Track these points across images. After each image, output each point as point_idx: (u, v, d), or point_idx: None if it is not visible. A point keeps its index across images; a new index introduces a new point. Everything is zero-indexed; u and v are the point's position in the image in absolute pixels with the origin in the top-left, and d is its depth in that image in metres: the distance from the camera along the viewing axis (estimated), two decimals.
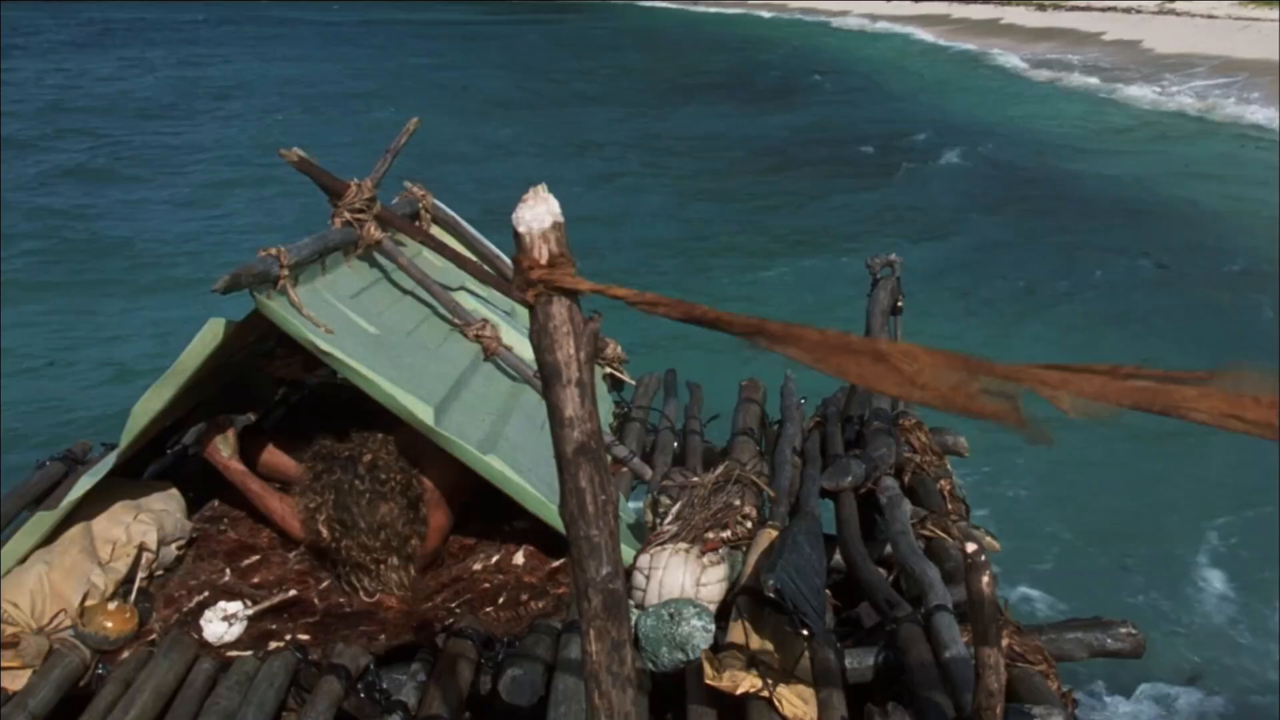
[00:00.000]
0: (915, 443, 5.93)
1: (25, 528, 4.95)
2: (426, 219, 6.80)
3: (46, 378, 14.59)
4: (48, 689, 4.35)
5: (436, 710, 4.09)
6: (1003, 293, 17.46)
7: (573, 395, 2.41)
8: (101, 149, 28.74)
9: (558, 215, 2.37)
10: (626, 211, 22.45)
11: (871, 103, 35.82)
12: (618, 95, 37.82)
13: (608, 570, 2.48)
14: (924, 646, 4.16)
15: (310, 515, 4.99)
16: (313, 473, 5.01)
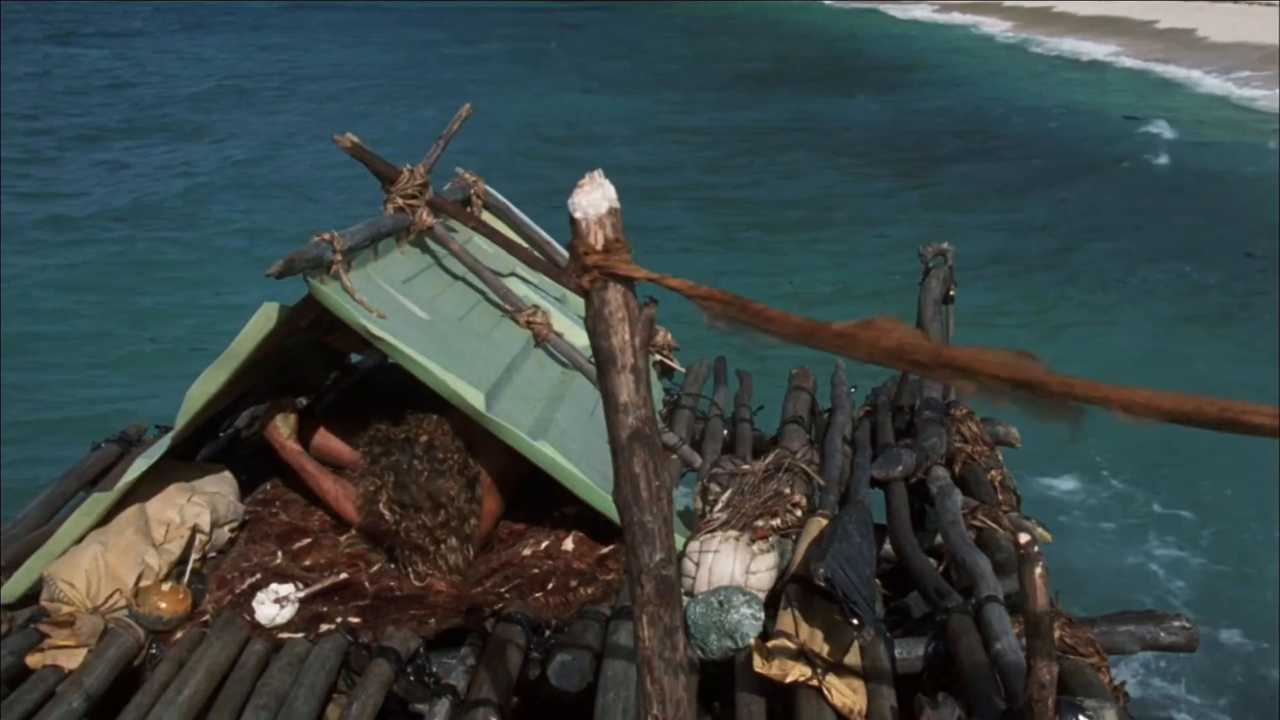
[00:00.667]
0: (966, 433, 5.90)
1: (81, 508, 5.00)
2: (478, 205, 6.82)
3: (116, 360, 14.74)
4: (102, 668, 4.40)
5: (485, 694, 4.11)
6: (1087, 286, 17.21)
7: (628, 381, 2.41)
8: (157, 135, 28.94)
9: (614, 201, 2.37)
10: (678, 196, 22.39)
11: (931, 90, 35.51)
12: (671, 81, 37.69)
13: (661, 556, 2.49)
14: (974, 637, 4.14)
15: (370, 499, 5.01)
16: (370, 456, 5.02)
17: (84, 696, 4.25)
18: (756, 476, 5.19)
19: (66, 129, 29.21)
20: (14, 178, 23.98)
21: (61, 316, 16.30)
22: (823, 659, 4.07)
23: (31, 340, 15.22)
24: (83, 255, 19.11)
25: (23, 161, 25.27)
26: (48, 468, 7.40)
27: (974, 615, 4.25)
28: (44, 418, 12.95)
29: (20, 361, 14.51)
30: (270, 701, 4.21)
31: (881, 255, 18.21)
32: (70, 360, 14.73)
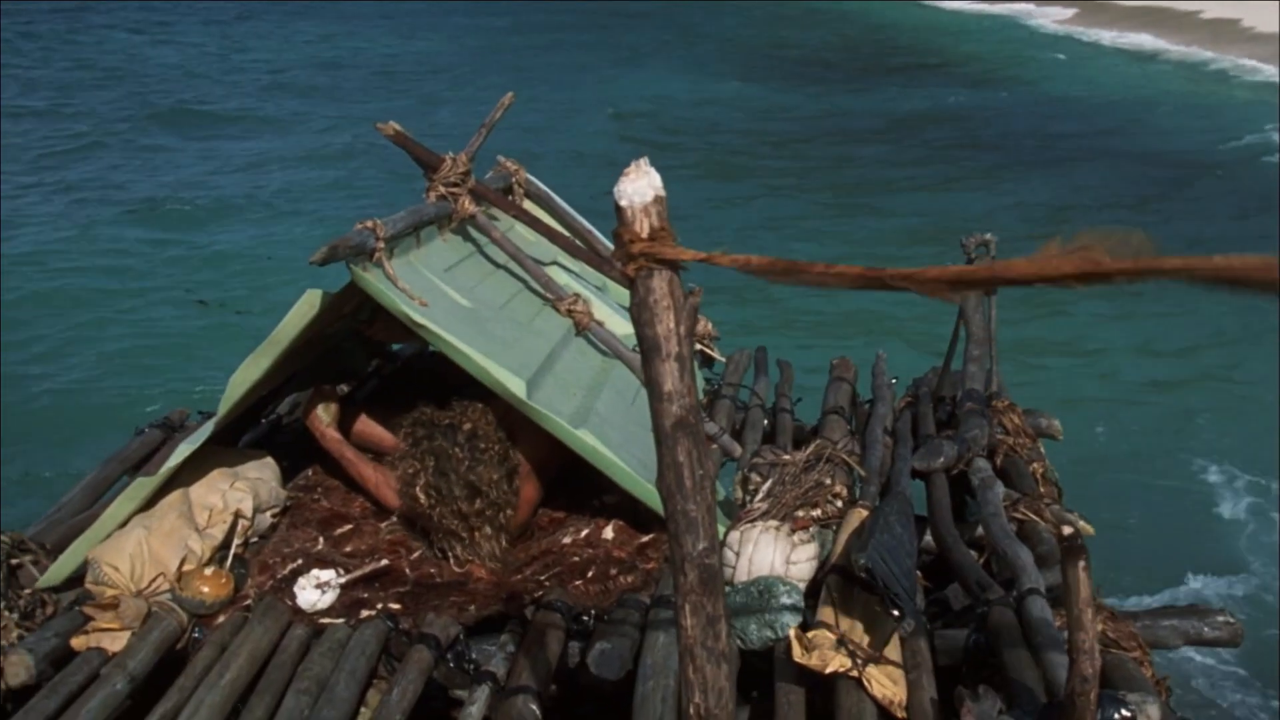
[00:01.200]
0: (1008, 424, 5.87)
1: (125, 493, 5.04)
2: (519, 193, 6.83)
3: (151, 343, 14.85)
4: (146, 650, 4.43)
5: (525, 681, 4.11)
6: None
7: (672, 370, 2.40)
8: (202, 122, 29.10)
9: (659, 189, 2.37)
10: (719, 183, 22.35)
11: (972, 81, 35.26)
12: (712, 69, 37.58)
13: (704, 545, 2.48)
14: (1016, 630, 4.12)
15: (408, 481, 5.03)
16: (412, 438, 5.04)
17: (128, 678, 4.29)
18: (797, 467, 5.19)
19: (116, 115, 29.40)
20: (65, 165, 24.18)
21: (107, 298, 16.45)
22: (863, 650, 4.06)
23: (76, 325, 15.37)
24: (121, 240, 19.25)
25: (62, 152, 25.45)
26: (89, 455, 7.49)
27: (1015, 608, 4.23)
28: (86, 404, 13.08)
29: (61, 347, 14.66)
30: (311, 686, 4.23)
31: (923, 245, 18.13)
32: (114, 346, 14.85)
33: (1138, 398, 13.10)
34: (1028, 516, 5.05)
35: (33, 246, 18.36)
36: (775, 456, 5.37)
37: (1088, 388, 13.09)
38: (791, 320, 14.26)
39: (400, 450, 5.12)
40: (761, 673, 4.29)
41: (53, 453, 11.54)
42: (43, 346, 14.70)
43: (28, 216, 20.16)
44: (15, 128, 26.87)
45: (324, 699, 4.15)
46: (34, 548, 5.02)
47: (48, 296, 16.30)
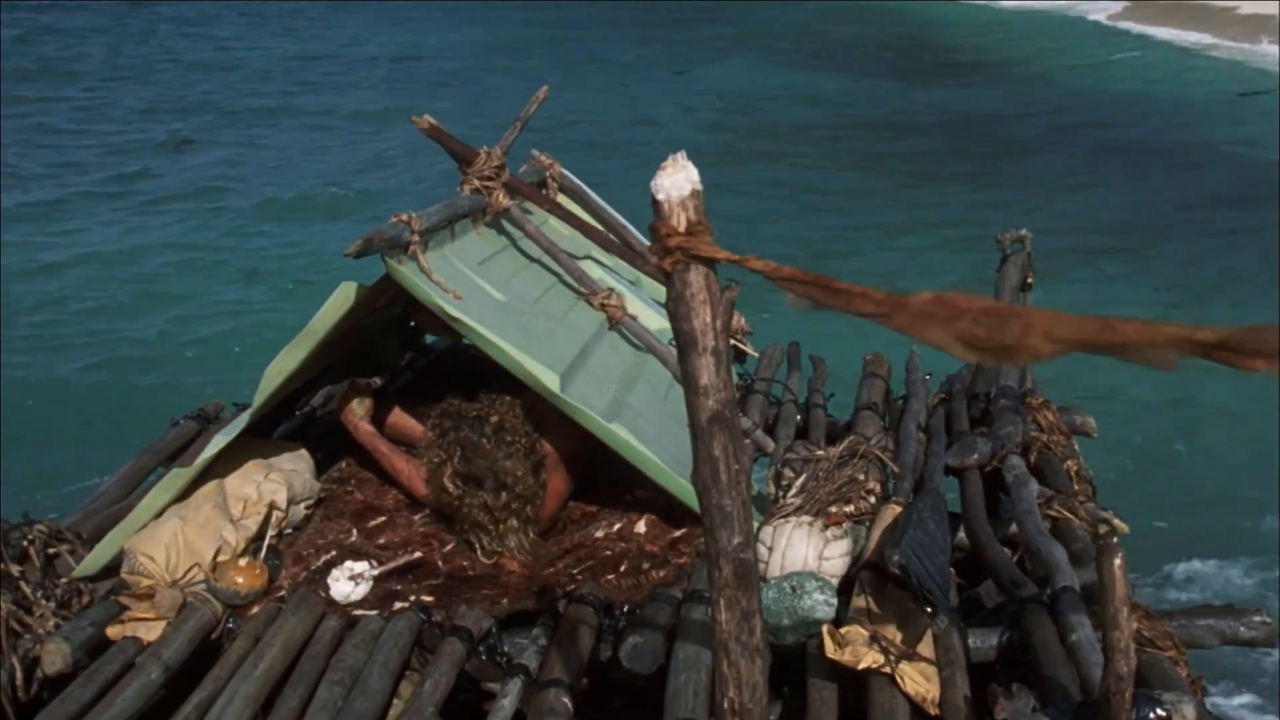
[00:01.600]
0: (1042, 421, 5.84)
1: (161, 483, 5.07)
2: (554, 187, 6.83)
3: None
4: (181, 640, 4.46)
5: (557, 675, 4.12)
6: (1174, 275, 16.93)
7: (708, 364, 2.40)
8: (239, 116, 29.24)
9: (696, 183, 2.36)
10: (754, 180, 22.29)
11: (1018, 76, 34.99)
12: (755, 65, 37.42)
13: (739, 540, 2.48)
14: (1049, 628, 4.11)
15: (434, 471, 5.05)
16: (439, 429, 5.06)
17: (162, 668, 4.31)
18: (830, 462, 5.18)
19: (157, 109, 29.61)
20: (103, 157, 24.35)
21: (137, 286, 16.57)
22: (896, 646, 4.05)
23: (113, 316, 15.49)
24: (158, 232, 19.38)
25: (102, 145, 25.63)
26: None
27: (1049, 606, 4.22)
28: (124, 394, 13.19)
29: (99, 337, 14.79)
30: (344, 677, 4.24)
31: (962, 241, 18.05)
32: (151, 335, 14.96)
33: (1175, 395, 13.01)
34: (1062, 514, 5.03)
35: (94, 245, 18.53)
36: (808, 452, 5.37)
37: (1124, 384, 13.01)
38: (826, 316, 14.21)
39: (427, 440, 5.13)
40: (793, 668, 4.29)
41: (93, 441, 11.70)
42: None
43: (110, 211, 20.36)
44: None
45: (357, 690, 4.17)
46: (70, 537, 5.05)
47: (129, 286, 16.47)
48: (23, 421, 12.53)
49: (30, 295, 16.17)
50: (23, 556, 4.81)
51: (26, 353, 14.43)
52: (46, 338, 14.92)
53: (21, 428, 12.37)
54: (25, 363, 14.12)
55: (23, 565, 4.76)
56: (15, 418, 12.55)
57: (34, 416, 12.72)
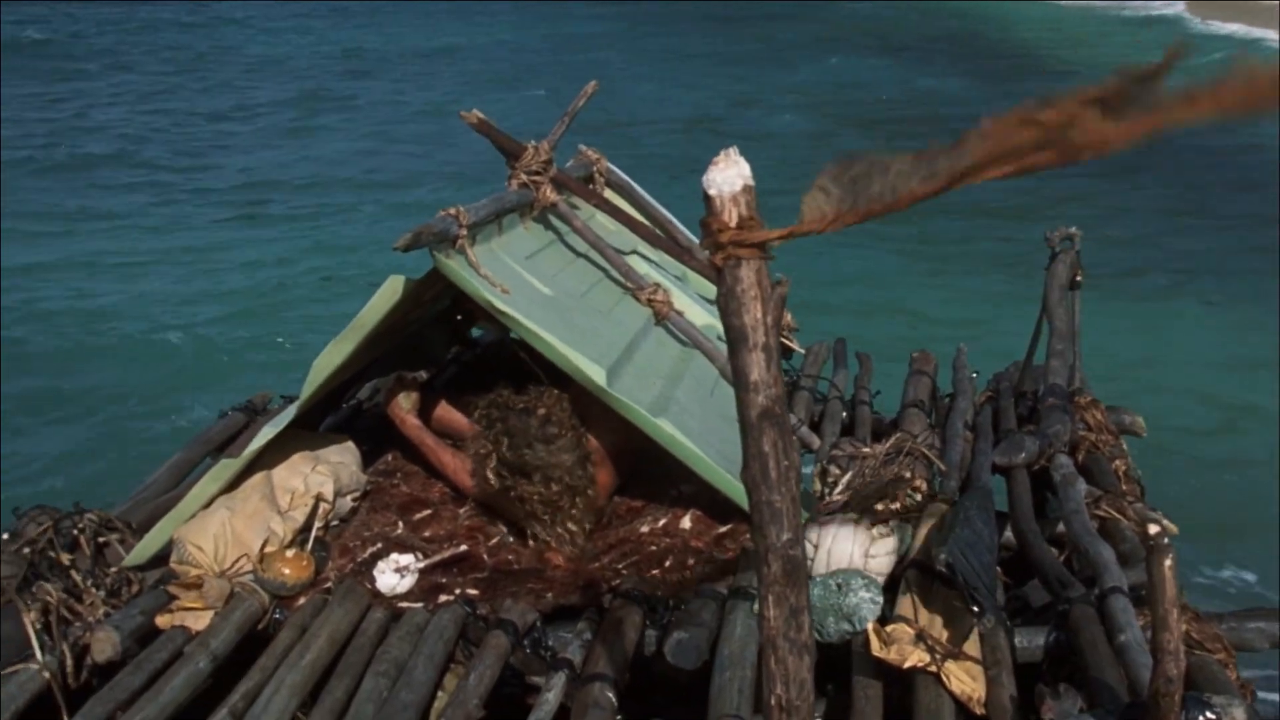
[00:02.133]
0: (1090, 420, 5.81)
1: (210, 474, 5.11)
2: (600, 182, 6.83)
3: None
4: (228, 630, 4.49)
5: (601, 669, 4.12)
6: (1218, 281, 16.71)
7: (759, 360, 2.40)
8: (291, 110, 29.40)
9: (748, 178, 2.36)
10: (796, 171, 22.16)
11: (1068, 72, 34.62)
12: (795, 51, 37.23)
13: (788, 536, 2.48)
14: (1097, 628, 4.09)
15: (480, 461, 5.06)
16: (486, 420, 5.06)
17: (210, 657, 4.35)
18: (876, 460, 5.16)
19: (210, 104, 29.83)
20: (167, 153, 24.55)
21: (183, 282, 16.69)
22: (942, 645, 4.03)
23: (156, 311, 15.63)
24: (208, 226, 19.52)
25: (150, 137, 25.83)
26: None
27: (1097, 606, 4.19)
28: (172, 386, 13.32)
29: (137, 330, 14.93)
30: (390, 669, 4.26)
31: (1008, 239, 17.92)
32: (196, 328, 15.07)
33: (1226, 396, 12.87)
34: (1110, 514, 5.00)
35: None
36: (854, 449, 5.35)
37: (1173, 384, 12.89)
38: (871, 312, 14.18)
39: (474, 431, 5.15)
40: (838, 666, 4.27)
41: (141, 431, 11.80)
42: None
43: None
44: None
45: (402, 682, 4.19)
46: (120, 526, 5.10)
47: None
48: (72, 409, 12.67)
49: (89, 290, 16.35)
50: (73, 545, 4.87)
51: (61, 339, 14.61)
52: (88, 326, 15.06)
53: (71, 415, 12.52)
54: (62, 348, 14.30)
55: (73, 554, 4.81)
56: (64, 405, 12.70)
57: (80, 406, 12.85)
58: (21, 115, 27.29)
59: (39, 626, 4.42)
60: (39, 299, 15.81)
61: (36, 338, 14.59)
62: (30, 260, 17.28)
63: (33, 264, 17.17)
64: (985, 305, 14.69)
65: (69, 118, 27.62)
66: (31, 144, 24.61)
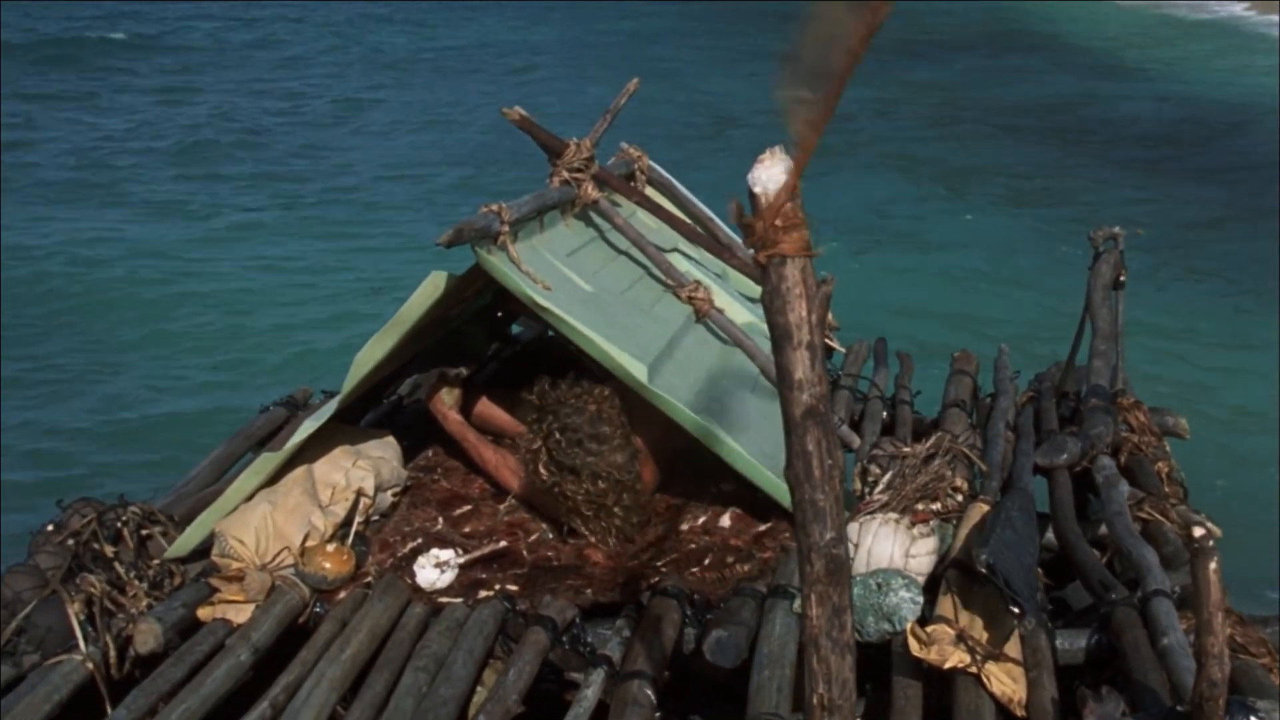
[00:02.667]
0: (1133, 422, 5.77)
1: (251, 467, 5.14)
2: (642, 180, 6.83)
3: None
4: (269, 623, 4.52)
5: (640, 666, 4.12)
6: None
7: (803, 358, 2.39)
8: (332, 106, 29.51)
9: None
10: (842, 162, 22.10)
11: (1122, 71, 34.24)
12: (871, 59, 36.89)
13: (831, 535, 2.47)
14: (1140, 631, 4.06)
15: (530, 458, 5.07)
16: (536, 417, 5.06)
17: (251, 650, 4.37)
18: (917, 459, 5.14)
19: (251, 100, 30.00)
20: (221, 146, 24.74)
21: (224, 279, 16.81)
22: (982, 646, 4.01)
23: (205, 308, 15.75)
24: (255, 220, 19.66)
25: (198, 134, 25.99)
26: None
27: (1140, 609, 4.16)
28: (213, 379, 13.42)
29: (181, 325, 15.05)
30: (429, 664, 4.28)
31: (1051, 238, 17.82)
32: (241, 323, 15.17)
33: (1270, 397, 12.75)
34: (1153, 516, 4.96)
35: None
36: (895, 448, 5.33)
37: (1216, 385, 12.78)
38: (912, 312, 14.13)
39: (523, 428, 5.15)
40: (876, 666, 4.26)
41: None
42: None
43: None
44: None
45: (441, 676, 4.20)
46: (163, 519, 5.14)
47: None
48: (120, 406, 12.81)
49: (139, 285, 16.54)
50: (117, 537, 4.91)
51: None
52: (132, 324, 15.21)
53: (119, 411, 12.65)
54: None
55: (117, 546, 4.86)
56: (113, 405, 12.84)
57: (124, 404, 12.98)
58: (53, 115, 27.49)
59: (83, 617, 4.46)
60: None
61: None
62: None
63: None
64: (1027, 305, 14.61)
65: (146, 115, 27.78)
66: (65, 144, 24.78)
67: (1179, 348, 13.78)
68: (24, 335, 14.41)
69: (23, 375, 13.30)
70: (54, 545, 4.80)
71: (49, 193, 20.80)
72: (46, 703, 4.10)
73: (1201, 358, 13.72)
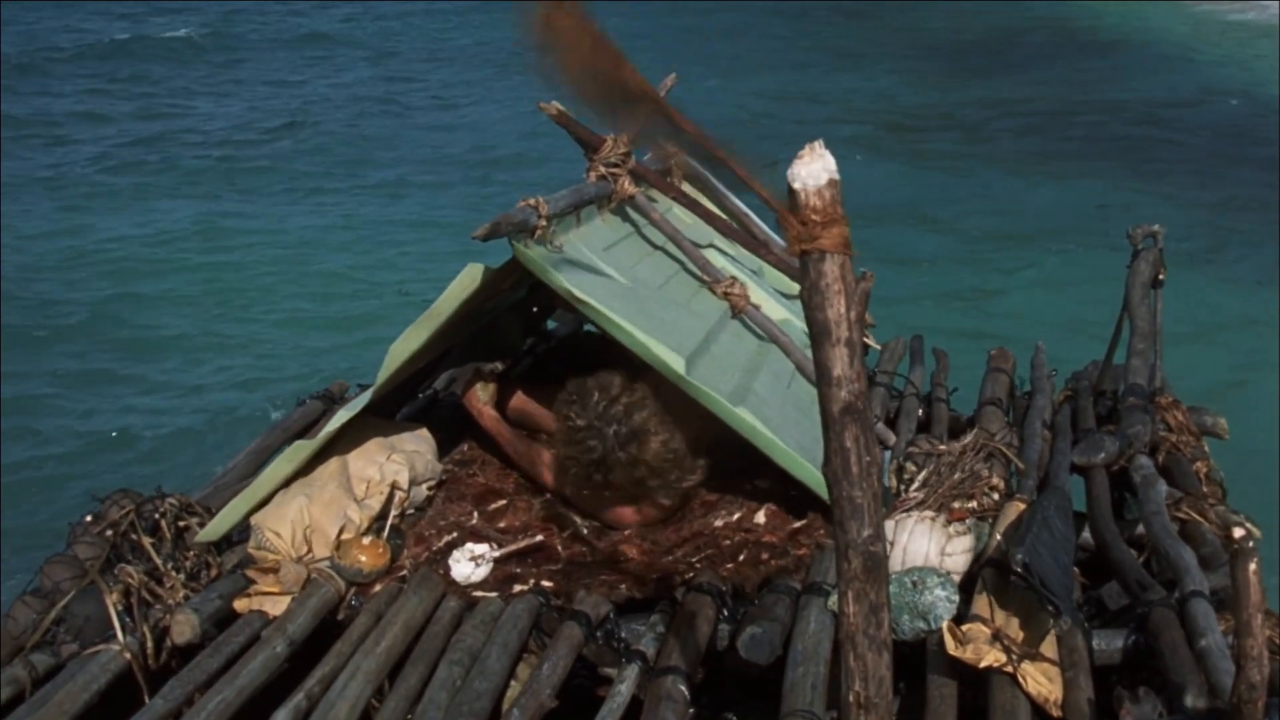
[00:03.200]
0: (1171, 421, 5.73)
1: (283, 455, 5.17)
2: (678, 175, 6.83)
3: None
4: (305, 616, 4.54)
5: (675, 662, 4.12)
6: None
7: (841, 354, 2.38)
8: (368, 103, 29.60)
9: (834, 172, 2.35)
10: (883, 163, 22.03)
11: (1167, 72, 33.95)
12: (892, 54, 36.83)
13: (869, 532, 2.47)
14: (1177, 632, 4.03)
15: (561, 467, 5.08)
16: (570, 430, 5.04)
17: (287, 642, 4.39)
18: (953, 457, 5.12)
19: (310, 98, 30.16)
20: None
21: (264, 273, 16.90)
22: (1018, 646, 4.00)
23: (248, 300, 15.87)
24: (296, 215, 19.76)
25: (242, 126, 26.13)
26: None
27: (1177, 610, 4.14)
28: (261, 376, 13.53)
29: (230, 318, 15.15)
30: (464, 657, 4.28)
31: (1088, 235, 17.70)
32: (280, 318, 15.26)
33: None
34: (1191, 516, 4.93)
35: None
36: (931, 446, 5.31)
37: (1257, 385, 12.67)
38: (948, 309, 14.08)
39: (559, 428, 5.14)
40: (910, 664, 4.25)
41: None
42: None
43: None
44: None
45: (476, 670, 4.20)
46: (200, 511, 5.16)
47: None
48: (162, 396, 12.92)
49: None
50: (155, 529, 4.94)
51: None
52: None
53: (154, 405, 12.75)
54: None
55: (154, 537, 4.89)
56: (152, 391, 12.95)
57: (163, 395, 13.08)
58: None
59: (120, 608, 4.50)
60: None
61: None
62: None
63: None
64: (1065, 303, 14.53)
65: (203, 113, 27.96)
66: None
67: (1218, 346, 13.68)
68: (64, 330, 14.56)
69: (71, 369, 13.44)
70: (92, 536, 4.85)
71: (90, 190, 21.01)
72: (85, 692, 4.14)
73: (1242, 357, 13.61)
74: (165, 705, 4.05)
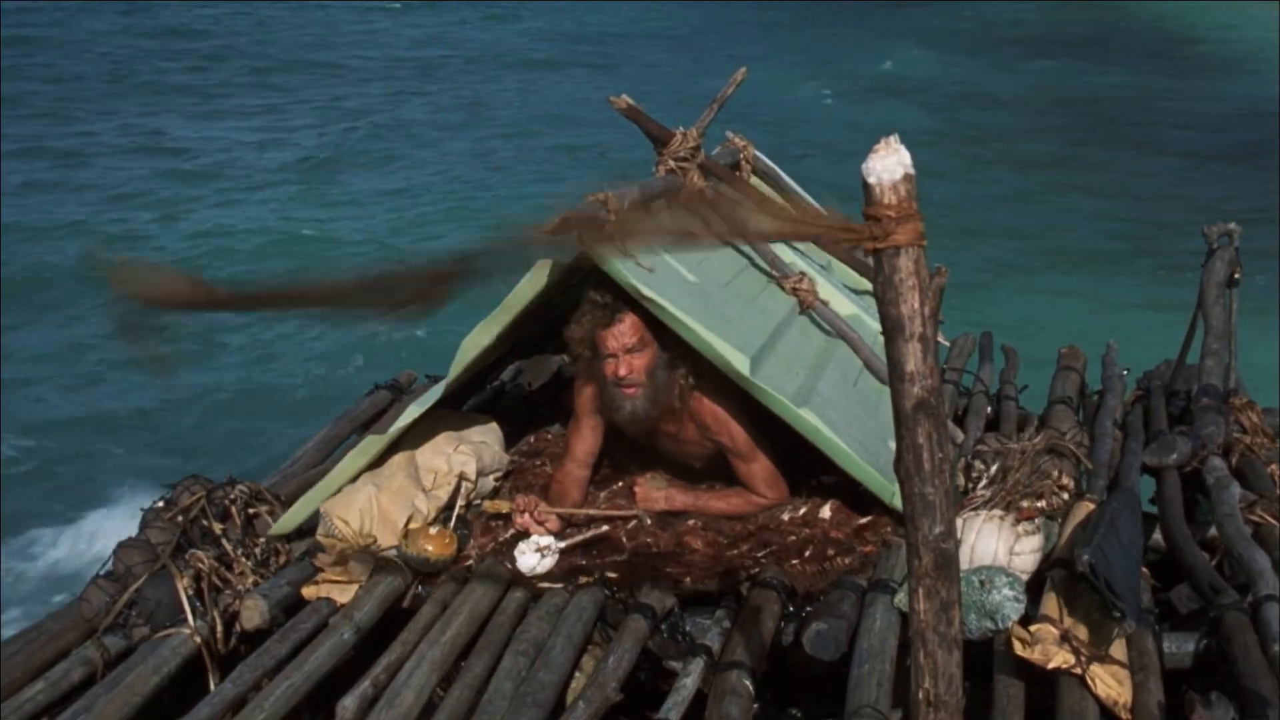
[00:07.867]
0: (1246, 423, 5.65)
1: (356, 449, 5.20)
2: (747, 170, 6.81)
3: None
4: (372, 604, 4.57)
5: (739, 657, 4.12)
6: None
7: (915, 350, 2.37)
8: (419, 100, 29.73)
9: (909, 167, 2.33)
10: (953, 158, 21.87)
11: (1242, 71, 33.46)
12: (947, 46, 36.61)
13: (941, 529, 2.45)
14: (1250, 636, 3.98)
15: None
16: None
17: (354, 629, 4.42)
18: (1023, 456, 5.07)
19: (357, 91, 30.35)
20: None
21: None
22: (1087, 647, 3.96)
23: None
24: (350, 208, 19.92)
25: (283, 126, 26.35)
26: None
27: (1250, 614, 4.08)
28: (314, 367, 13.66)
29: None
30: (529, 648, 4.29)
31: (1162, 232, 17.50)
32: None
33: None
34: (1265, 520, 4.87)
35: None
36: (1000, 444, 5.26)
37: None
38: (1018, 305, 13.97)
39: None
40: (976, 663, 4.21)
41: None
42: None
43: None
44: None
45: (540, 661, 4.21)
46: (270, 498, 5.23)
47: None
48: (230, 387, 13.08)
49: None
50: (225, 515, 5.00)
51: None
52: None
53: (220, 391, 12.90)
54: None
55: (225, 524, 4.94)
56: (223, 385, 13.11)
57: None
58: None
59: (191, 592, 4.56)
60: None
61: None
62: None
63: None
64: (1137, 302, 14.37)
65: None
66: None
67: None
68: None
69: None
70: (164, 521, 4.91)
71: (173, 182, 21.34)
72: (155, 674, 4.20)
73: None
74: (234, 690, 4.10)
